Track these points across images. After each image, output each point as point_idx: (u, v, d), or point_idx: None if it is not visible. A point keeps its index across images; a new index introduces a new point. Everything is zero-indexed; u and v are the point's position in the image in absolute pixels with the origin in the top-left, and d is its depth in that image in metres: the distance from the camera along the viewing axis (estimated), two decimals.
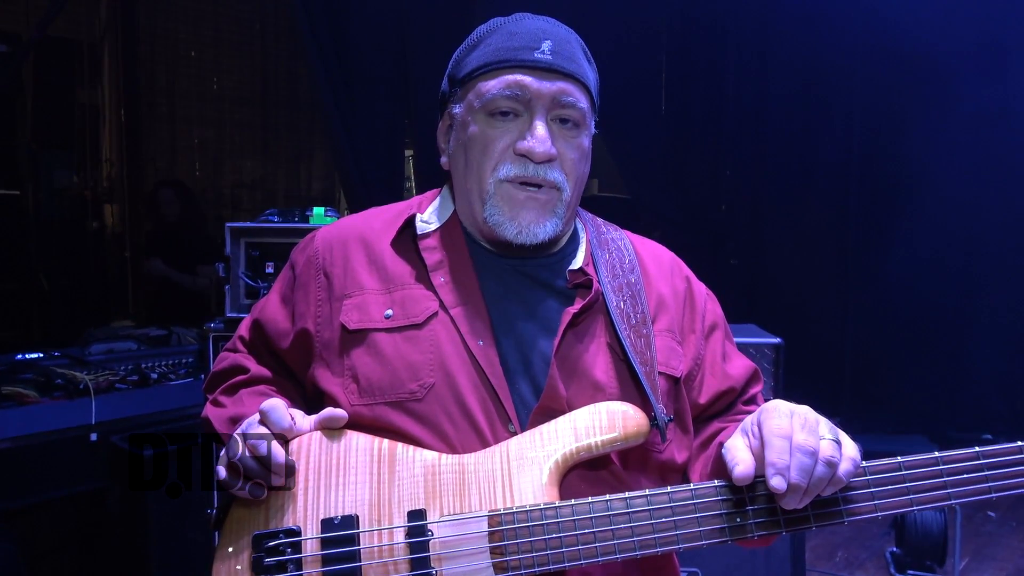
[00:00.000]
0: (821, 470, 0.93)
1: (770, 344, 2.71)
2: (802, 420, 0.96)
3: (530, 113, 1.11)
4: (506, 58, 1.10)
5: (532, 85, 1.10)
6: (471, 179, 1.15)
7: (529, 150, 1.10)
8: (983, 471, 0.99)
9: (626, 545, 0.97)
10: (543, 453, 1.02)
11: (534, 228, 1.12)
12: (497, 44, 1.12)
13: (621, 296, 1.15)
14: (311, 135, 7.15)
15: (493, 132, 1.12)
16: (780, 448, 0.93)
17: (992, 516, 4.30)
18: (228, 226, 2.84)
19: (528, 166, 1.11)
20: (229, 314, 2.85)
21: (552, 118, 1.12)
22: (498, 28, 1.15)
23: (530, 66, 1.10)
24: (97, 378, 3.07)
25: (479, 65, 1.13)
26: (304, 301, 1.20)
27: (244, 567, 1.02)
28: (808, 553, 3.30)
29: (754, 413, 1.02)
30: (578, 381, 1.10)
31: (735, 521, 0.98)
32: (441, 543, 0.99)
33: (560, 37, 1.14)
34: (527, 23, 1.14)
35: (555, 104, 1.11)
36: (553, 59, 1.10)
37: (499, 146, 1.11)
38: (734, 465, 0.97)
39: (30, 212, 5.72)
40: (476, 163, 1.13)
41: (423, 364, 1.09)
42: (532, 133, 1.10)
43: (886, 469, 1.00)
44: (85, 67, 5.96)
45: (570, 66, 1.12)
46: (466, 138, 1.15)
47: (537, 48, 1.10)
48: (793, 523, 0.98)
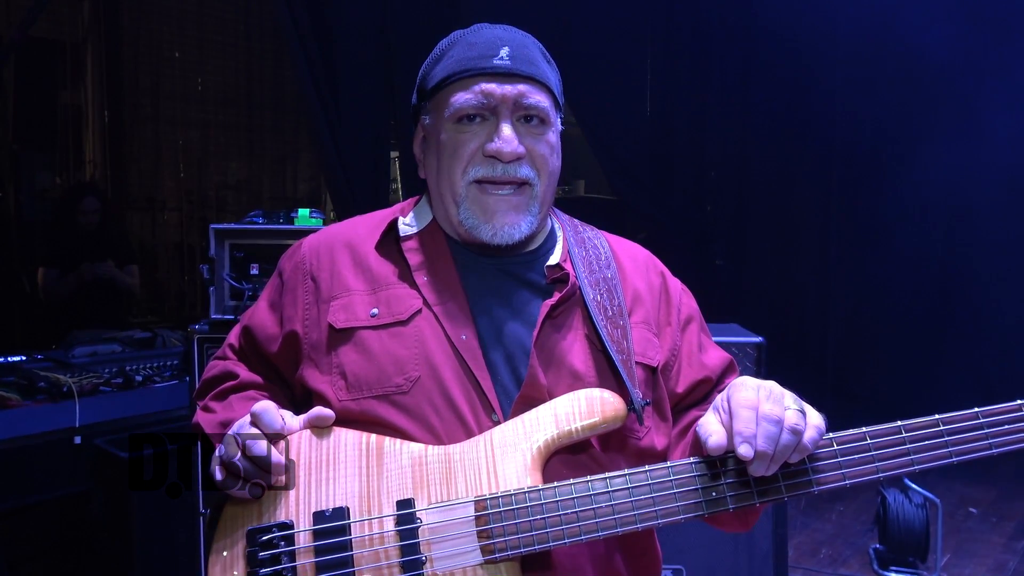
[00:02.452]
0: (787, 438, 0.98)
1: (752, 343, 2.74)
2: (767, 392, 1.01)
3: (496, 117, 1.16)
4: (468, 67, 1.16)
5: (496, 91, 1.15)
6: (444, 184, 1.20)
7: (497, 151, 1.15)
8: (943, 436, 1.04)
9: (607, 523, 1.02)
10: (526, 440, 1.06)
11: (509, 229, 1.17)
12: (459, 55, 1.18)
13: (598, 290, 1.20)
14: (296, 136, 7.14)
15: (462, 137, 1.17)
16: (747, 418, 0.98)
17: (974, 512, 4.36)
18: (212, 228, 2.83)
19: (497, 166, 1.15)
20: (214, 316, 2.84)
21: (517, 118, 1.17)
22: (459, 40, 1.21)
23: (491, 72, 1.15)
24: (81, 381, 3.05)
25: (444, 76, 1.19)
26: (292, 305, 1.23)
27: (239, 561, 1.05)
28: (792, 550, 3.34)
29: (724, 391, 1.07)
30: (557, 370, 1.14)
31: (711, 495, 1.03)
32: (430, 529, 1.03)
33: (517, 42, 1.20)
34: (485, 32, 1.21)
35: (518, 106, 1.16)
36: (512, 64, 1.16)
37: (468, 149, 1.16)
38: (707, 437, 1.01)
39: (12, 214, 5.67)
40: (447, 168, 1.18)
41: (408, 358, 1.13)
42: (499, 135, 1.15)
43: (852, 439, 1.05)
44: (68, 68, 5.92)
45: (529, 68, 1.17)
46: (437, 145, 1.20)
47: (495, 55, 1.16)
48: (765, 493, 1.03)
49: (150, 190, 6.54)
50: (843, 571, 3.66)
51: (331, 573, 1.02)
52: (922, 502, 3.56)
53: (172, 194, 6.67)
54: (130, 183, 6.38)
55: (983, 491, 4.61)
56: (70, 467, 2.89)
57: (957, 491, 4.53)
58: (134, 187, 6.44)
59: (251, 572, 1.03)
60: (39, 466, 2.84)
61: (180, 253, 6.74)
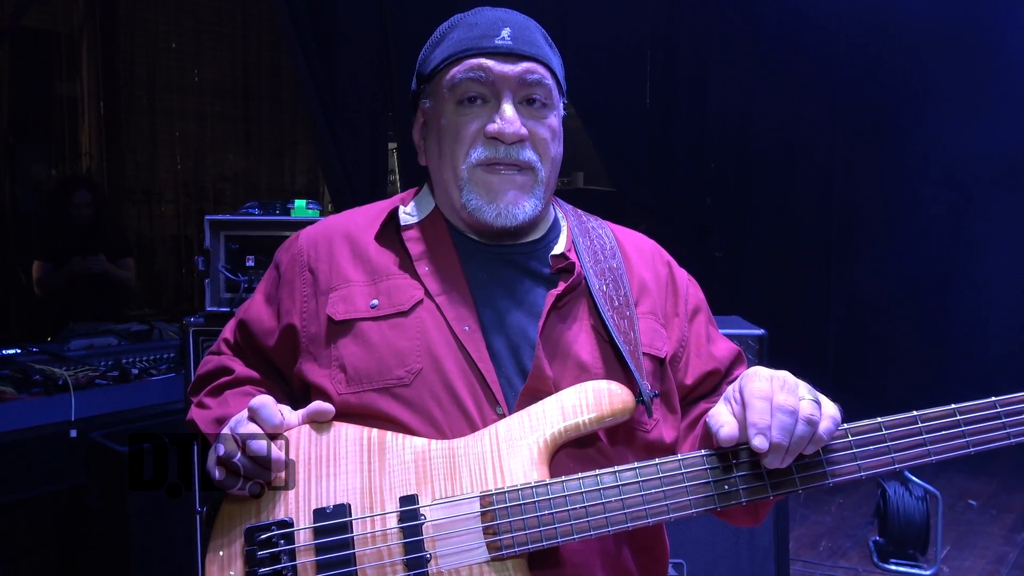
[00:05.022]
0: (802, 428, 0.95)
1: (754, 335, 2.72)
2: (781, 382, 0.98)
3: (497, 98, 1.13)
4: (468, 47, 1.13)
5: (495, 68, 1.12)
6: (446, 168, 1.17)
7: (499, 131, 1.11)
8: (960, 427, 1.01)
9: (616, 518, 0.99)
10: (532, 433, 1.04)
11: (513, 209, 1.13)
12: (459, 37, 1.16)
13: (604, 280, 1.18)
14: (294, 128, 7.09)
15: (462, 119, 1.14)
16: (761, 409, 0.95)
17: (973, 504, 4.36)
18: (207, 219, 2.80)
19: (499, 148, 1.12)
20: (209, 308, 2.82)
21: (519, 100, 1.14)
22: (459, 22, 1.18)
23: (491, 51, 1.13)
24: (77, 374, 3.02)
25: (443, 58, 1.16)
26: (290, 298, 1.20)
27: (237, 561, 1.02)
28: (792, 543, 3.33)
29: (735, 381, 1.04)
30: (563, 362, 1.11)
31: (723, 488, 1.00)
32: (434, 526, 1.00)
33: (519, 24, 1.17)
34: (486, 14, 1.18)
35: (521, 85, 1.13)
36: (513, 44, 1.13)
37: (470, 131, 1.13)
38: (719, 428, 0.99)
39: (7, 206, 5.64)
40: (449, 151, 1.15)
41: (410, 350, 1.10)
42: (501, 115, 1.12)
43: (867, 430, 1.02)
44: (63, 59, 5.87)
45: (531, 49, 1.14)
46: (438, 129, 1.17)
47: (496, 35, 1.13)
48: (779, 486, 1.00)
49: (146, 182, 6.50)
50: (843, 563, 3.66)
51: (332, 572, 0.99)
52: (922, 494, 3.56)
53: (169, 186, 6.63)
54: (126, 175, 6.34)
55: (983, 483, 4.61)
56: (66, 460, 2.87)
57: (957, 484, 4.53)
58: (130, 179, 6.40)
59: (250, 572, 1.00)
60: (35, 460, 2.82)
61: (177, 245, 6.71)
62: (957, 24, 5.01)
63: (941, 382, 5.01)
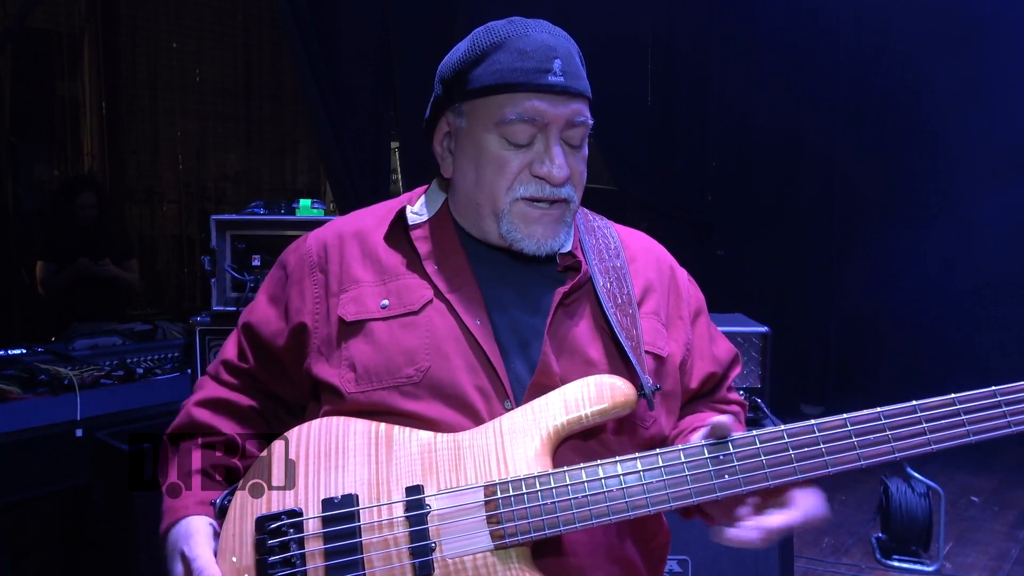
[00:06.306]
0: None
1: (757, 333, 2.74)
2: None
3: (545, 136, 1.14)
4: (521, 81, 1.12)
5: (549, 111, 1.12)
6: (482, 195, 1.17)
7: (548, 175, 1.13)
8: (960, 415, 1.02)
9: (618, 507, 1.01)
10: (535, 426, 1.06)
11: (550, 242, 1.17)
12: (508, 64, 1.12)
13: (608, 278, 1.20)
14: (296, 127, 7.09)
15: (507, 153, 1.14)
16: None
17: (975, 501, 4.36)
18: (213, 219, 2.81)
19: (545, 188, 1.14)
20: (216, 307, 2.83)
21: (564, 138, 1.16)
22: (505, 43, 1.14)
23: (545, 89, 1.12)
24: (82, 373, 3.03)
25: (491, 84, 1.13)
26: (299, 297, 1.20)
27: (248, 548, 1.05)
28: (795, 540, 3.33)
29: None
30: (570, 357, 1.14)
31: (723, 477, 1.02)
32: (439, 516, 1.03)
33: (566, 52, 1.15)
34: (534, 38, 1.14)
35: (568, 125, 1.15)
36: (566, 81, 1.13)
37: (514, 167, 1.14)
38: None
39: (10, 206, 5.65)
40: (489, 181, 1.15)
41: (419, 348, 1.12)
42: (551, 159, 1.13)
43: (866, 419, 1.03)
44: (65, 59, 5.88)
45: (578, 84, 1.15)
46: (476, 153, 1.16)
47: (549, 70, 1.12)
48: (779, 475, 1.02)
49: (149, 182, 6.50)
50: (846, 560, 3.67)
51: (340, 559, 1.02)
52: (924, 491, 3.56)
53: (171, 186, 6.64)
54: (128, 175, 6.35)
55: (985, 480, 4.61)
56: (71, 460, 2.88)
57: (959, 480, 4.53)
58: (132, 179, 6.41)
59: (260, 559, 1.03)
60: (40, 459, 2.83)
61: (179, 245, 6.72)
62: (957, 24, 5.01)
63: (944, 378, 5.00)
